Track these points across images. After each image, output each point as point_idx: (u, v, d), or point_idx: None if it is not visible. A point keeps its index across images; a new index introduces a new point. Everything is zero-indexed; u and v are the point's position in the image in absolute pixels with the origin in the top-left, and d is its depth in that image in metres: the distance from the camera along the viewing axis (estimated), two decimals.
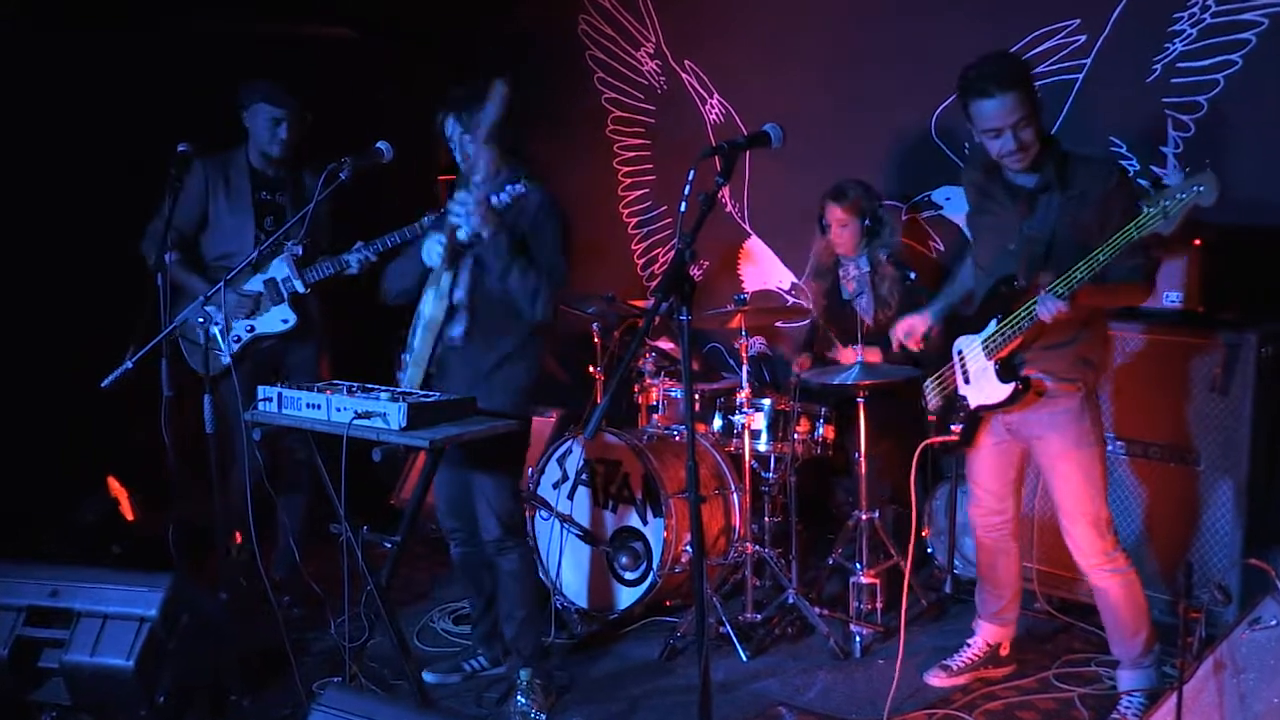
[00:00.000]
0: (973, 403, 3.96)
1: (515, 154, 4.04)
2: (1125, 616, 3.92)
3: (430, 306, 4.03)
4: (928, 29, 5.60)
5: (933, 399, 4.16)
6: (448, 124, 3.99)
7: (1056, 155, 3.73)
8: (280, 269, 4.81)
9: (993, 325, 3.81)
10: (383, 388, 3.83)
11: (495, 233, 3.84)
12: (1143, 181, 4.98)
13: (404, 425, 3.54)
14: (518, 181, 3.90)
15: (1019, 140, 3.64)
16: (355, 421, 3.59)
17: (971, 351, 3.93)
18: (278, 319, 4.86)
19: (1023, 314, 3.66)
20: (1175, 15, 4.90)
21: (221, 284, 3.97)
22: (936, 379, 4.13)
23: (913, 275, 5.16)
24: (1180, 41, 4.89)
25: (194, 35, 5.98)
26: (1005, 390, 3.80)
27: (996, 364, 3.82)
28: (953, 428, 4.04)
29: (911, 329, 4.18)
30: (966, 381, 3.98)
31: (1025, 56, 5.15)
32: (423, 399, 3.69)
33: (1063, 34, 5.20)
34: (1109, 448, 4.42)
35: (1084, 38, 5.16)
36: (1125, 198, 3.58)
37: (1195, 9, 4.86)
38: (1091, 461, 3.83)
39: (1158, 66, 4.96)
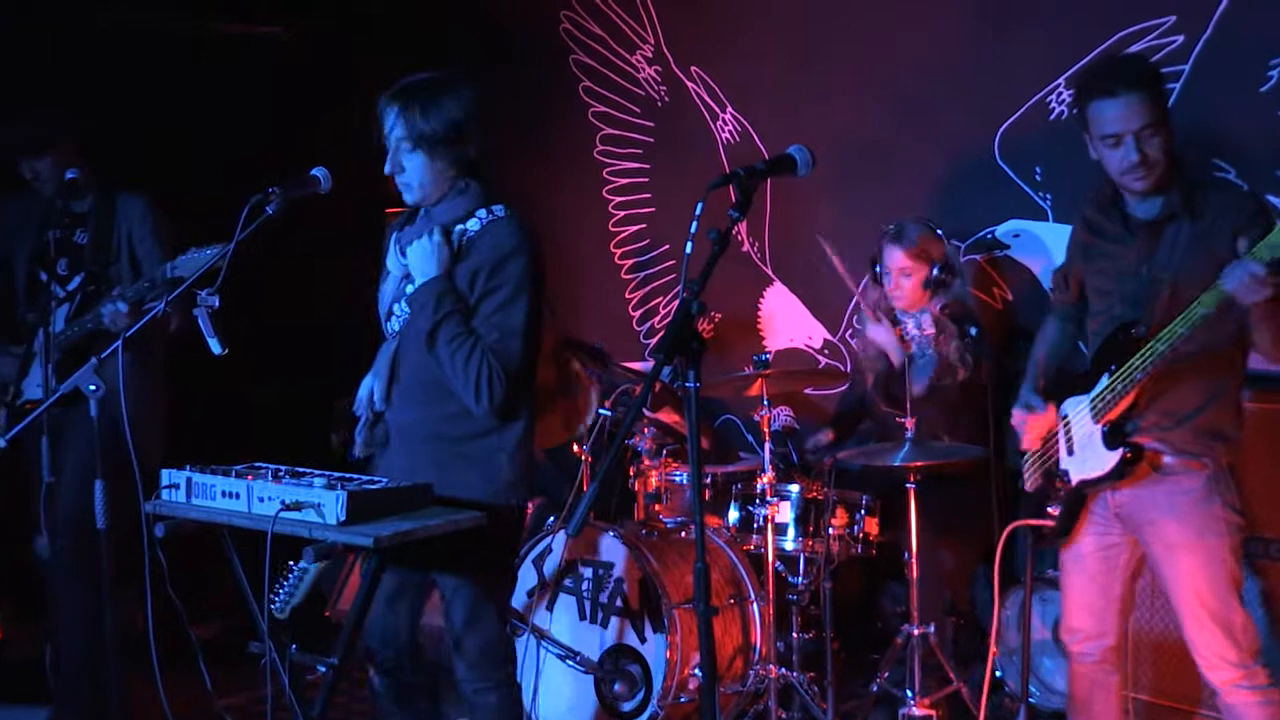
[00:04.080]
0: (1074, 477, 3.96)
1: (476, 172, 3.94)
2: None
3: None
4: (988, 32, 5.68)
5: (1031, 476, 4.16)
6: (388, 117, 3.87)
7: (1185, 180, 3.79)
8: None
9: (1104, 380, 3.83)
10: (316, 472, 3.83)
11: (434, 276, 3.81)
12: None
13: (343, 519, 3.53)
14: (487, 206, 3.89)
15: (1143, 151, 3.70)
16: (282, 514, 3.58)
17: (1078, 415, 3.95)
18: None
19: (1138, 362, 3.67)
20: None
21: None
22: (1039, 454, 4.14)
23: (974, 331, 5.16)
24: None
25: (95, 30, 6.05)
26: (1111, 459, 3.81)
27: (1104, 427, 3.83)
28: (1049, 509, 4.04)
29: (1027, 423, 4.16)
30: (1070, 452, 3.99)
31: None
32: (366, 486, 3.68)
33: (1154, 34, 5.26)
34: None
35: (1181, 38, 5.21)
36: (1264, 231, 3.60)
37: None
38: (1220, 555, 3.80)
39: (1274, 73, 5.02)
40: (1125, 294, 3.87)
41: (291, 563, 3.64)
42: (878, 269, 5.38)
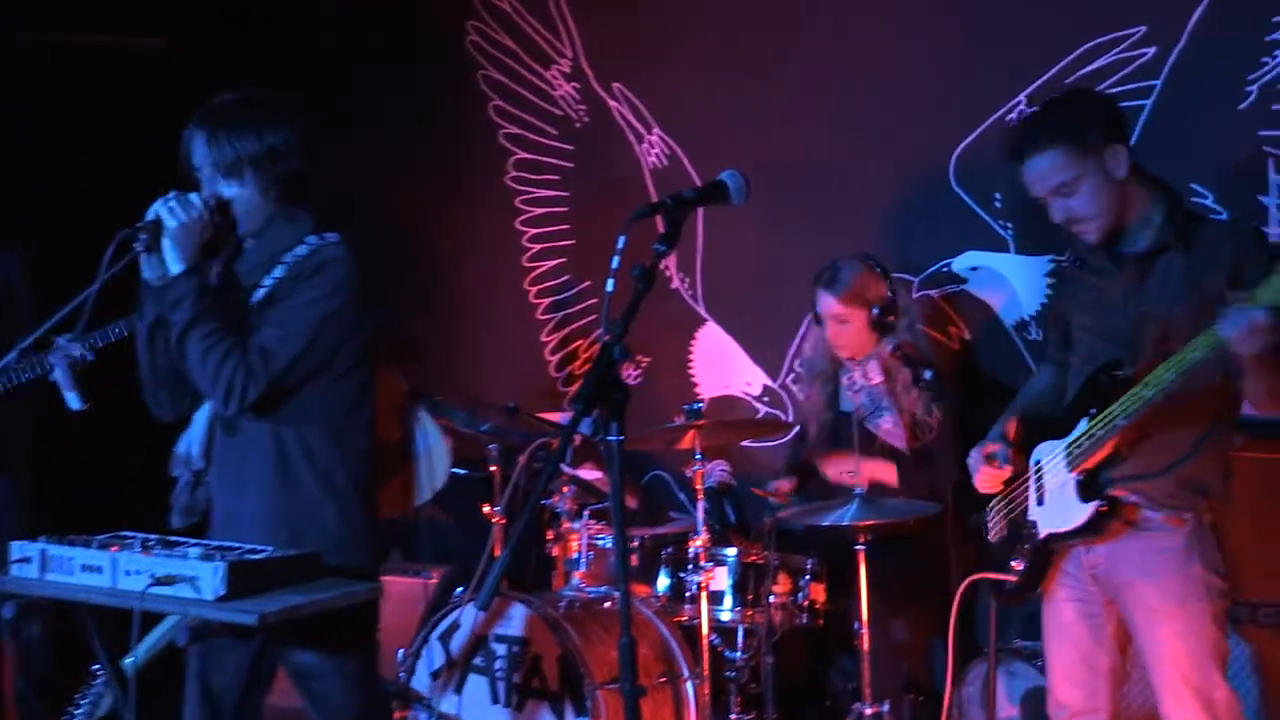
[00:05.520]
0: (1043, 529, 3.96)
1: (304, 198, 3.94)
2: None
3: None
4: (943, 44, 5.74)
5: (995, 527, 4.16)
6: (195, 146, 3.88)
7: (1177, 208, 3.83)
8: None
9: (1083, 425, 3.83)
10: (191, 541, 3.77)
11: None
12: None
13: (222, 593, 3.47)
14: (319, 233, 3.88)
15: (1067, 210, 3.78)
16: (151, 590, 3.52)
17: (1052, 462, 3.95)
18: None
19: (1120, 408, 3.68)
20: (1277, 19, 5.04)
21: None
22: (1004, 498, 4.14)
23: (928, 374, 5.17)
24: None
25: None
26: (1084, 512, 3.80)
27: (1079, 476, 3.83)
28: (1012, 563, 4.04)
29: (992, 459, 4.17)
30: (1040, 502, 3.99)
31: (1070, 79, 5.27)
32: (248, 556, 3.63)
33: (1124, 46, 5.32)
34: None
35: (1153, 50, 5.28)
36: (1265, 261, 3.63)
37: None
38: (1201, 622, 3.80)
39: (1253, 88, 5.08)
40: (1109, 331, 3.89)
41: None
42: (816, 312, 5.40)
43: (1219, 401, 3.80)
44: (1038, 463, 4.03)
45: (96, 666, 3.71)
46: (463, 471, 5.77)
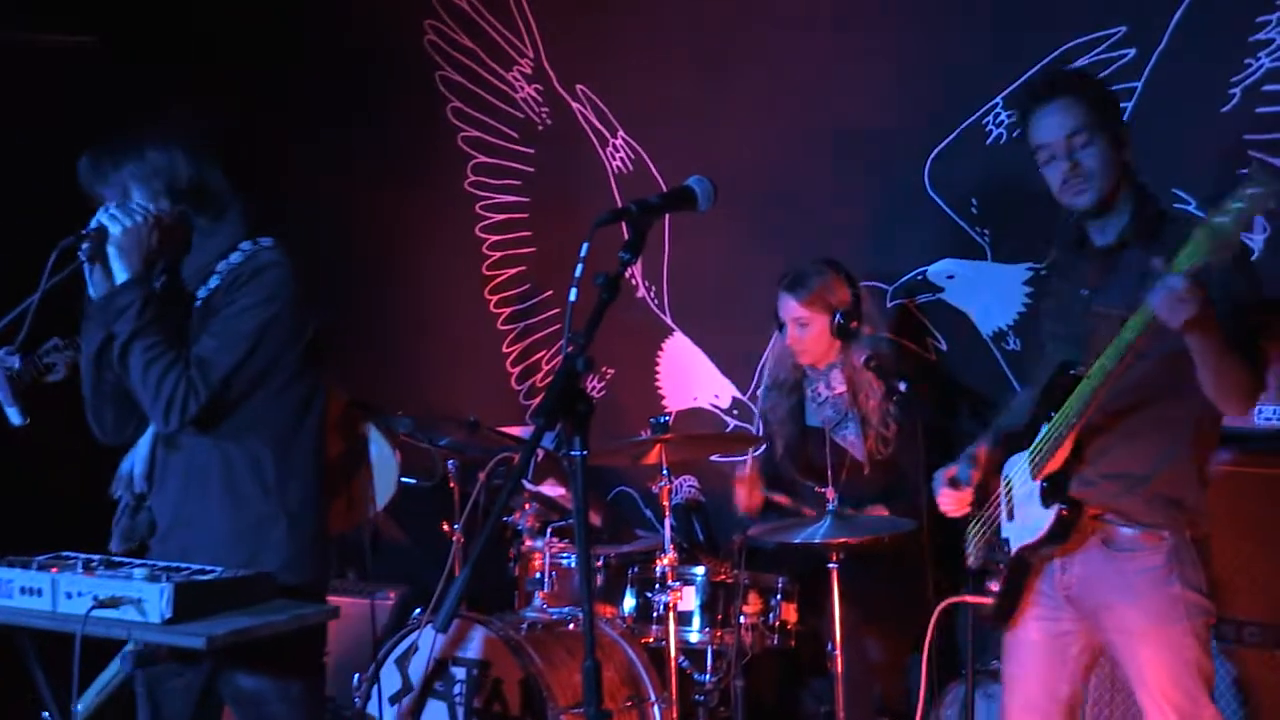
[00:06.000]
0: (1014, 544, 3.95)
1: (223, 212, 3.95)
2: None
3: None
4: (917, 46, 5.75)
5: (975, 551, 4.16)
6: (95, 189, 3.91)
7: (1144, 206, 3.84)
8: None
9: (1043, 430, 3.83)
10: (136, 561, 3.76)
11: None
12: None
13: (169, 615, 3.45)
14: (252, 239, 3.89)
15: (1074, 159, 3.77)
16: (94, 613, 3.50)
17: (1019, 474, 3.95)
18: None
19: (1072, 403, 3.68)
20: (1260, 19, 5.07)
21: None
22: (979, 521, 4.14)
23: (903, 386, 5.18)
24: (1268, 56, 5.05)
25: None
26: (1047, 517, 3.79)
27: (1042, 483, 3.83)
28: (989, 585, 4.03)
29: (955, 482, 4.17)
30: (1010, 517, 4.00)
31: None
32: (196, 577, 3.61)
33: (1104, 47, 5.35)
34: None
35: (1133, 52, 5.30)
36: (1234, 272, 3.63)
37: None
38: (1184, 643, 3.79)
39: (1236, 90, 5.11)
40: (1070, 334, 3.90)
41: None
42: (779, 318, 5.41)
43: (1189, 410, 3.78)
44: (1007, 479, 4.03)
45: (45, 715, 3.69)
46: (412, 480, 5.75)
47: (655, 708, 5.10)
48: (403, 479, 5.07)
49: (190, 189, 3.86)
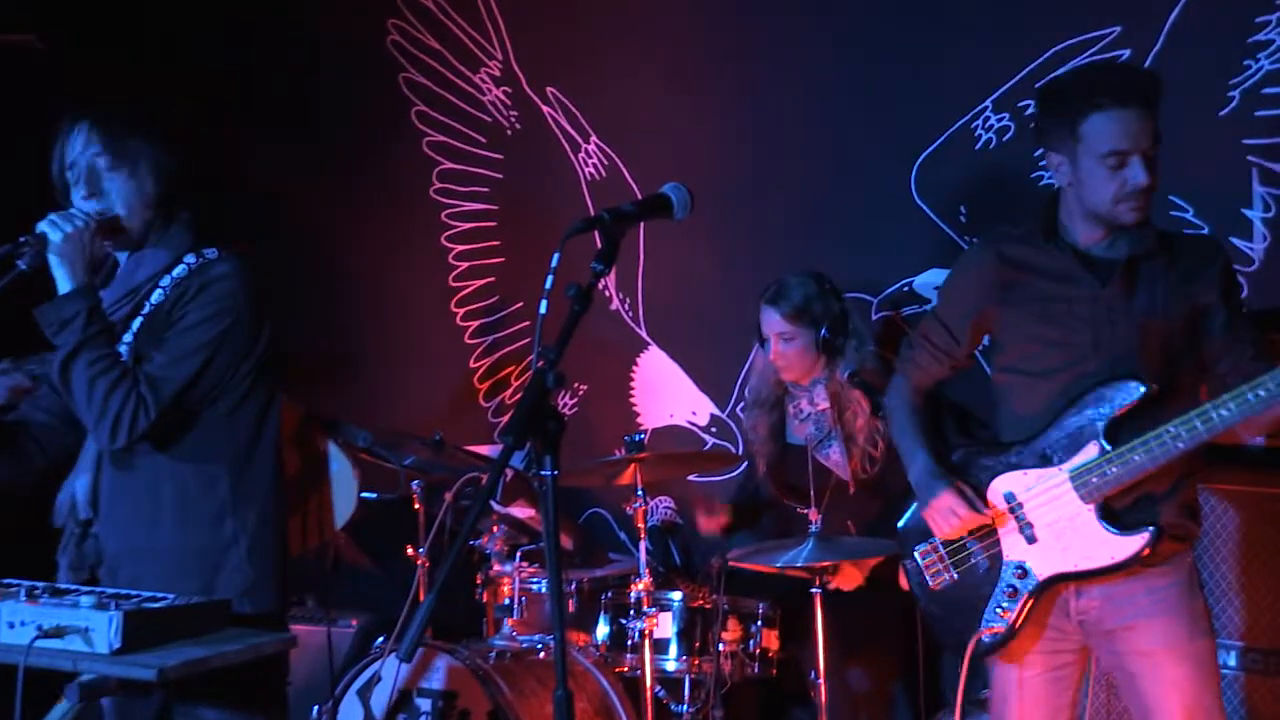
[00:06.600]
0: (1044, 570, 3.91)
1: (175, 214, 3.93)
2: None
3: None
4: (903, 47, 5.77)
5: (940, 572, 4.13)
6: (75, 138, 3.86)
7: (1149, 219, 3.85)
8: None
9: (1094, 452, 3.80)
10: (83, 589, 3.72)
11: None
12: None
13: (117, 645, 3.43)
14: (196, 250, 3.87)
15: (1151, 174, 3.74)
16: (38, 643, 3.47)
17: (1043, 494, 3.90)
18: None
19: (1141, 449, 3.67)
20: (1259, 19, 5.10)
21: None
22: (954, 549, 4.10)
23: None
24: (1268, 58, 5.07)
25: None
26: (1129, 544, 3.76)
27: (1099, 507, 3.81)
28: (999, 612, 3.98)
29: (954, 510, 4.12)
30: (1031, 540, 3.95)
31: (1041, 82, 5.30)
32: (146, 604, 3.59)
33: (1097, 48, 5.36)
34: None
35: (1127, 53, 5.32)
36: (1238, 286, 3.68)
37: None
38: (1209, 659, 3.84)
39: (1235, 94, 5.12)
40: (1101, 343, 3.85)
41: None
42: (761, 333, 5.40)
43: None
44: (1010, 497, 4.00)
45: None
46: (373, 495, 5.74)
47: None
48: (363, 494, 5.05)
49: (172, 172, 3.85)
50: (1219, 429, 3.55)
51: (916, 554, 4.15)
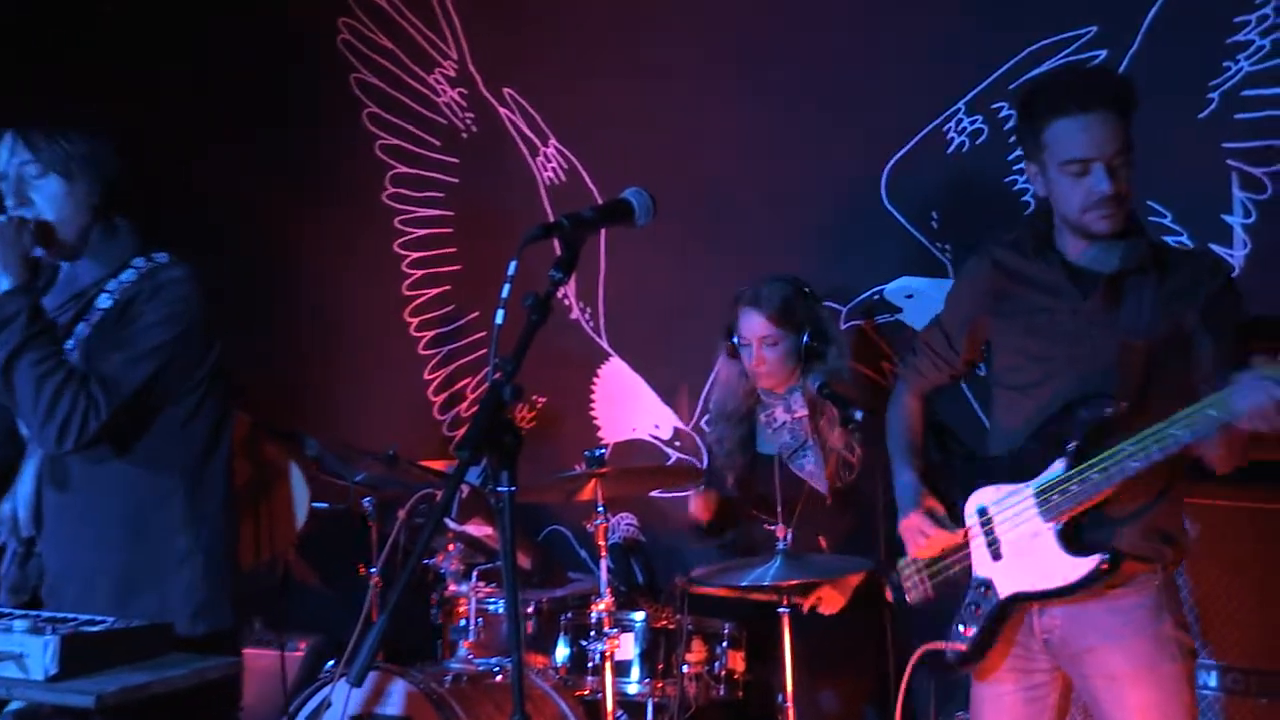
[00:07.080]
0: (1005, 589, 3.92)
1: (114, 219, 3.94)
2: None
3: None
4: (872, 47, 5.78)
5: (916, 586, 4.13)
6: (2, 150, 3.86)
7: (1141, 229, 3.86)
8: None
9: (1059, 468, 3.81)
10: (16, 612, 3.71)
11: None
12: None
13: (54, 672, 3.41)
14: (145, 254, 3.88)
15: (1116, 182, 3.73)
16: None
17: (1010, 510, 3.91)
18: None
19: (1097, 467, 3.67)
20: (1238, 19, 5.12)
21: None
22: (932, 561, 4.11)
23: (858, 415, 5.16)
24: (1247, 59, 5.09)
25: None
26: (1079, 567, 3.75)
27: (1059, 526, 3.81)
28: (960, 629, 4.00)
29: (922, 529, 4.13)
30: (996, 556, 3.96)
31: (1014, 84, 5.31)
32: (84, 628, 3.57)
33: (1073, 48, 5.37)
34: None
35: (1104, 54, 5.33)
36: (1234, 309, 3.68)
37: (1268, 9, 5.07)
38: (1176, 685, 3.81)
39: (1215, 95, 5.14)
40: (1077, 358, 3.86)
41: None
42: (735, 340, 5.37)
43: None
44: (982, 511, 4.01)
45: None
46: (324, 505, 5.72)
47: None
48: (313, 504, 5.03)
49: (110, 182, 3.86)
50: (1173, 449, 3.53)
51: (898, 567, 4.17)
